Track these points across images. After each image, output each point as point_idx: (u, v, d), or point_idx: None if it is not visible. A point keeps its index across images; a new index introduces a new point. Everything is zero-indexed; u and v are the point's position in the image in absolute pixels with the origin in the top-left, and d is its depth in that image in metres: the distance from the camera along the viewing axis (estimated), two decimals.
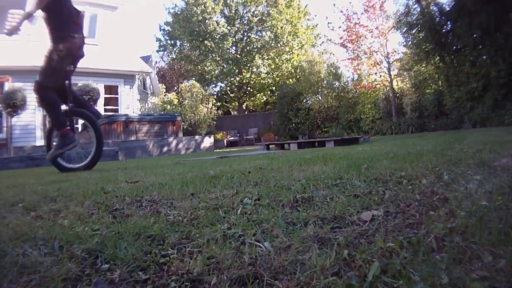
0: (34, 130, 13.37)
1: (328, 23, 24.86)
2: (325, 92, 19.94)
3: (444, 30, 14.24)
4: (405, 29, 15.40)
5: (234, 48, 25.94)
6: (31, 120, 13.24)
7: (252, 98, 27.53)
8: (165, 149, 12.08)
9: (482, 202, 1.10)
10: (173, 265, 0.88)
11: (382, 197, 1.38)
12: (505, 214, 0.96)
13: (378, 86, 18.49)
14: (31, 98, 10.90)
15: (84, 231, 1.16)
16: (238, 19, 25.69)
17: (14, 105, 9.21)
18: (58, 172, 4.48)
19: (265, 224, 1.15)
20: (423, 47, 14.62)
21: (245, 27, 25.79)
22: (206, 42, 24.10)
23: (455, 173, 1.68)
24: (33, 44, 13.70)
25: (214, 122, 19.91)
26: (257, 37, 25.99)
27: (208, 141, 13.95)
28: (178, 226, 1.20)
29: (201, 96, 18.47)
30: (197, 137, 14.00)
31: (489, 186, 1.31)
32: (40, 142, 12.84)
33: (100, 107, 14.92)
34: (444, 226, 0.93)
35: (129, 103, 16.32)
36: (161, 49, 29.37)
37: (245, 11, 25.83)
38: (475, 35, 12.37)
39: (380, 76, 18.63)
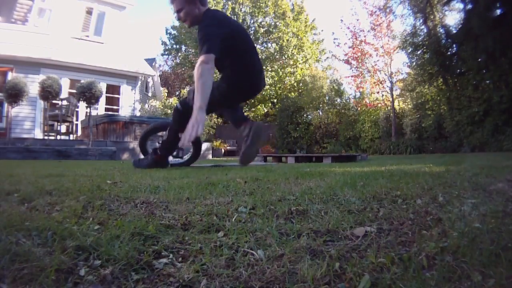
0: (34, 122, 13.37)
1: (334, 39, 25.10)
2: (326, 108, 20.01)
3: (449, 53, 14.37)
4: (410, 49, 15.53)
5: None
6: (31, 112, 13.25)
7: (253, 109, 27.42)
8: None
9: (475, 224, 1.11)
10: (165, 269, 0.88)
11: (376, 214, 1.39)
12: (497, 237, 0.96)
13: (379, 105, 18.55)
14: (33, 90, 10.94)
15: (79, 227, 1.16)
16: None
17: (16, 95, 9.22)
18: (55, 166, 4.47)
19: (258, 233, 1.15)
20: (427, 68, 14.71)
21: (251, 37, 25.75)
22: None
23: (450, 195, 1.68)
24: (39, 37, 13.78)
25: (213, 130, 19.90)
26: (263, 48, 26.06)
27: (205, 148, 13.90)
28: (173, 229, 1.21)
29: None
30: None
31: (483, 209, 1.32)
32: (39, 135, 12.82)
33: (101, 106, 14.96)
34: (436, 245, 0.94)
35: (130, 104, 16.35)
36: (166, 52, 29.43)
37: (252, 21, 25.93)
38: (479, 59, 12.47)
39: (382, 95, 18.72)
